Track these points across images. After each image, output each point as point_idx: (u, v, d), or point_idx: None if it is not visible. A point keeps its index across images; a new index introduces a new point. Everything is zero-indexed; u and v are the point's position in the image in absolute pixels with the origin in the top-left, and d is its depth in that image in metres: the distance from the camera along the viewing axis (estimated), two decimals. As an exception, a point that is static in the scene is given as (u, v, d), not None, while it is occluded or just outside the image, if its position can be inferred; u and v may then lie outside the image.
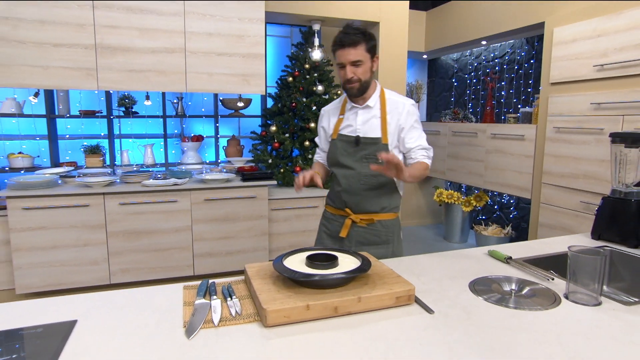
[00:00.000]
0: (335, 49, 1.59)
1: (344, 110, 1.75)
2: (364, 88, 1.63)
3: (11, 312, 1.07)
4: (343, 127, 1.72)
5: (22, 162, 3.49)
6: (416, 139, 1.69)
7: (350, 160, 1.69)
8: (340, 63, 1.60)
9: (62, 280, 2.84)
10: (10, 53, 2.62)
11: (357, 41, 1.55)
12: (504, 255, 1.48)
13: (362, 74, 1.60)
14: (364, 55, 1.58)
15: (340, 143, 1.71)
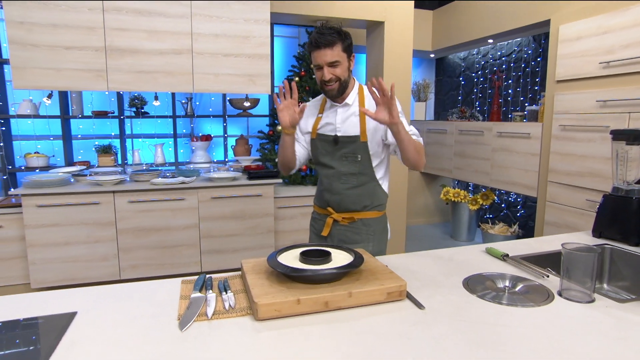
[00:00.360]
0: (311, 50, 1.55)
1: (323, 108, 1.73)
2: (343, 88, 1.60)
3: (16, 304, 1.12)
4: (322, 126, 1.70)
5: (37, 162, 3.60)
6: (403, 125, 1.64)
7: (330, 159, 1.68)
8: (317, 64, 1.55)
9: (75, 276, 2.92)
10: (25, 56, 2.71)
11: (332, 41, 1.51)
12: (501, 252, 1.49)
13: (341, 74, 1.56)
14: (341, 55, 1.54)
15: (319, 142, 1.70)
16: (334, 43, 1.51)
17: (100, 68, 2.84)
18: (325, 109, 1.72)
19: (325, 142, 1.68)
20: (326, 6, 3.33)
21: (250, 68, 3.16)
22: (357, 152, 1.63)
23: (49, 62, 2.75)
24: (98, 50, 2.81)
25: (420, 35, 4.71)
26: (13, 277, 2.86)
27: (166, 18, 2.91)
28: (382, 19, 3.45)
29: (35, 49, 2.71)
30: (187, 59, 3.01)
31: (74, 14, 2.73)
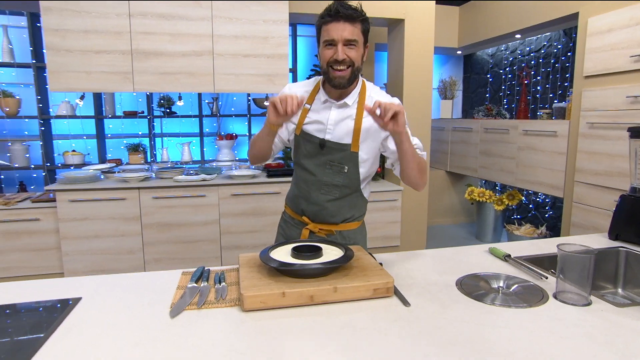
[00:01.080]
0: (326, 21, 1.29)
1: (313, 99, 1.44)
2: (354, 77, 1.35)
3: (30, 288, 1.22)
4: (309, 122, 1.43)
5: (74, 159, 3.83)
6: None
7: (312, 163, 1.44)
8: (330, 40, 1.28)
9: (103, 267, 3.09)
10: (60, 61, 2.89)
11: (355, 16, 1.28)
12: (503, 253, 1.46)
13: (356, 58, 1.31)
14: (360, 37, 1.31)
15: (302, 141, 1.44)
16: (357, 19, 1.28)
17: (127, 70, 2.99)
18: (315, 101, 1.44)
19: (310, 143, 1.43)
20: (345, 5, 3.34)
21: (269, 68, 3.23)
22: (345, 163, 1.41)
23: (81, 66, 2.92)
24: (125, 54, 2.96)
25: (446, 32, 4.62)
26: (49, 267, 3.07)
27: (188, 21, 3.02)
28: (402, 17, 3.42)
29: (69, 54, 2.89)
30: (208, 60, 3.11)
31: (104, 19, 2.89)
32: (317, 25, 1.35)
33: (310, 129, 1.44)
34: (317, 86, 1.46)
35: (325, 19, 1.30)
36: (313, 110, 1.44)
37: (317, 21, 1.34)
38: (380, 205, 3.60)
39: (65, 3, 2.83)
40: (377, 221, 3.62)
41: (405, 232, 3.73)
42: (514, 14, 3.74)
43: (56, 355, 0.87)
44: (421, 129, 3.63)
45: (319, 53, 1.38)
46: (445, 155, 4.86)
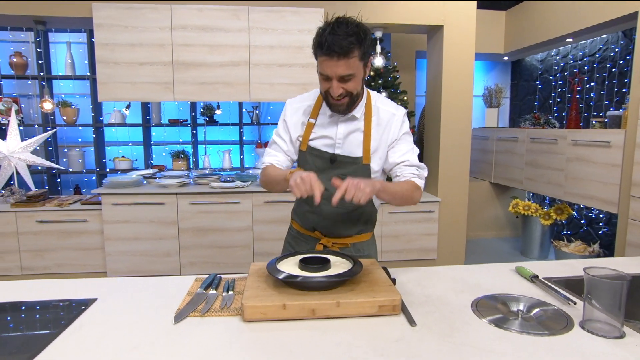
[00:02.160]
0: (319, 54, 1.23)
1: (317, 112, 1.39)
2: (353, 103, 1.31)
3: (52, 287, 1.29)
4: (317, 138, 1.38)
5: (122, 165, 4.08)
6: (403, 152, 1.38)
7: (323, 178, 1.32)
8: (325, 75, 1.24)
9: (142, 268, 3.24)
10: (108, 72, 3.09)
11: (350, 49, 1.18)
12: (530, 272, 1.35)
13: (354, 87, 1.26)
14: (357, 66, 1.23)
15: (310, 157, 1.39)
16: (351, 51, 1.18)
17: (168, 81, 3.13)
18: (320, 114, 1.39)
19: (319, 158, 1.38)
20: (381, 13, 3.30)
21: (303, 77, 3.25)
22: (357, 175, 1.30)
23: (127, 77, 3.10)
24: (166, 65, 3.11)
25: (491, 37, 4.44)
26: (93, 266, 3.26)
27: (226, 33, 3.12)
28: (441, 23, 3.32)
29: (116, 66, 3.09)
30: (244, 70, 3.19)
31: (148, 33, 3.06)
32: (313, 47, 1.26)
33: (318, 144, 1.39)
34: (320, 99, 1.41)
35: (318, 51, 1.23)
36: (319, 125, 1.39)
37: (313, 42, 1.25)
38: (415, 216, 3.50)
39: (115, 19, 3.02)
40: (412, 233, 3.51)
41: (442, 245, 3.59)
42: (565, 16, 3.51)
43: (61, 353, 0.91)
44: (461, 139, 3.50)
45: (318, 78, 1.31)
46: (490, 165, 4.64)
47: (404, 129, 1.41)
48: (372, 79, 3.75)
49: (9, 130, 3.31)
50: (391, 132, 1.39)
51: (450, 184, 3.54)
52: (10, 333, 1.01)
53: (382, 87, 3.74)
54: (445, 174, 3.54)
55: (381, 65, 3.59)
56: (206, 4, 3.11)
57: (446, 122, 3.47)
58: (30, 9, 3.04)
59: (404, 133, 1.41)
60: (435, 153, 3.59)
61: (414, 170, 1.39)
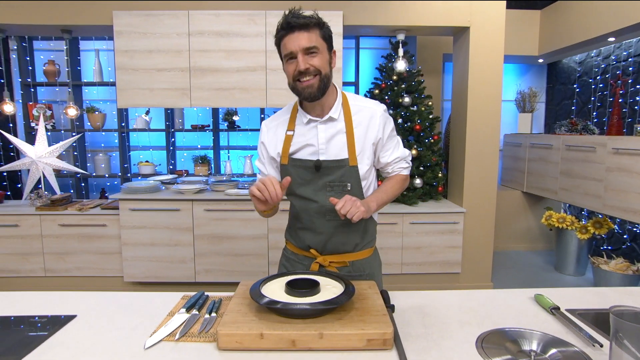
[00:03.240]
0: (282, 35, 1.23)
1: (294, 124, 1.34)
2: (324, 85, 1.24)
3: (35, 300, 1.25)
4: (297, 149, 1.32)
5: (145, 170, 4.13)
6: (393, 150, 1.38)
7: (310, 190, 1.32)
8: (289, 53, 1.21)
9: (158, 274, 3.24)
10: (127, 79, 3.12)
11: (309, 23, 1.20)
12: (551, 303, 1.19)
13: (321, 65, 1.22)
14: (320, 43, 1.22)
15: (294, 170, 1.32)
16: (311, 26, 1.21)
17: (185, 87, 3.13)
18: (297, 125, 1.34)
19: (303, 169, 1.31)
20: (403, 15, 3.16)
21: (321, 82, 3.16)
22: (346, 180, 1.30)
23: (145, 83, 3.12)
24: (183, 71, 3.11)
25: (524, 38, 4.19)
26: (112, 270, 3.29)
27: (243, 38, 3.08)
28: (467, 24, 3.14)
29: (135, 73, 3.11)
30: (261, 75, 3.14)
31: (166, 39, 3.07)
32: (276, 44, 1.28)
33: (301, 155, 1.33)
34: (295, 109, 1.37)
35: (280, 34, 1.24)
36: (298, 135, 1.34)
37: (275, 39, 1.28)
38: (439, 227, 3.32)
39: (134, 26, 3.05)
40: (434, 245, 3.33)
41: (467, 258, 3.39)
42: (607, 13, 3.25)
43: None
44: (488, 146, 3.29)
45: (285, 71, 1.29)
46: (522, 174, 4.37)
47: (388, 125, 1.37)
48: (394, 84, 3.61)
49: (37, 136, 3.41)
50: (375, 130, 1.33)
51: (477, 194, 3.34)
52: (-24, 352, 0.98)
53: (405, 91, 3.59)
54: (471, 183, 3.34)
55: (403, 69, 3.45)
56: (223, 8, 3.08)
57: (472, 129, 3.28)
58: (56, 19, 3.11)
59: (390, 130, 1.37)
60: (461, 161, 3.40)
61: (403, 163, 1.43)
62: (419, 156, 3.54)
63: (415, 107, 3.61)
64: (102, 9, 3.07)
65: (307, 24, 1.20)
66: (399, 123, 3.56)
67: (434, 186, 3.64)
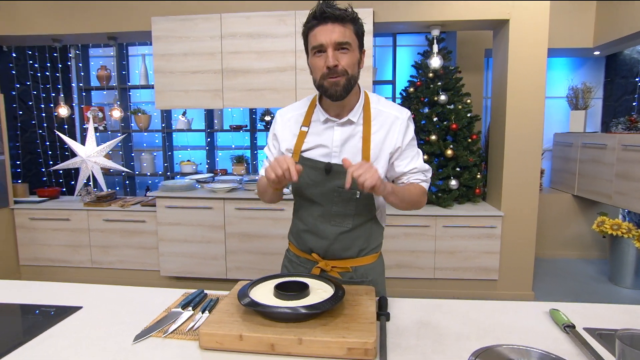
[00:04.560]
0: (312, 25, 1.15)
1: (309, 120, 1.28)
2: (349, 87, 1.17)
3: (46, 290, 1.33)
4: (310, 147, 1.26)
5: (187, 168, 4.30)
6: (410, 160, 1.28)
7: (318, 193, 1.26)
8: (319, 45, 1.13)
9: (192, 270, 3.36)
10: (164, 81, 3.27)
11: (345, 16, 1.12)
12: (565, 320, 1.09)
13: (350, 64, 1.15)
14: (353, 39, 1.15)
15: (304, 169, 1.24)
16: (346, 19, 1.13)
17: (217, 88, 3.21)
18: (313, 121, 1.28)
19: (313, 169, 1.25)
20: (437, 9, 3.04)
21: (351, 81, 3.12)
22: (356, 187, 1.18)
23: (181, 85, 3.25)
24: (216, 73, 3.19)
25: (577, 29, 3.88)
26: (150, 264, 3.46)
27: (274, 39, 3.11)
28: (506, 17, 2.96)
29: (172, 75, 3.25)
30: (290, 76, 3.15)
31: (200, 42, 3.17)
32: (303, 34, 1.20)
33: (313, 155, 1.26)
34: (313, 104, 1.29)
35: (311, 24, 1.15)
36: (312, 133, 1.28)
37: (303, 29, 1.19)
38: (474, 232, 3.16)
39: (171, 31, 3.18)
40: (469, 250, 3.18)
41: (505, 264, 3.20)
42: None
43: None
44: (529, 145, 3.08)
45: (309, 64, 1.22)
46: (573, 176, 4.05)
47: (409, 134, 1.28)
48: (430, 81, 3.48)
49: (87, 137, 3.67)
50: (395, 138, 1.25)
51: (516, 197, 3.13)
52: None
53: (441, 89, 3.45)
54: (511, 185, 3.14)
55: (438, 66, 3.31)
56: (254, 10, 3.13)
57: (512, 127, 3.08)
58: (102, 27, 3.32)
59: (410, 139, 1.28)
60: (499, 161, 3.21)
61: (421, 175, 1.31)
62: (455, 156, 3.39)
63: (452, 105, 3.46)
64: (142, 16, 3.24)
65: (343, 16, 1.12)
66: (434, 122, 3.44)
67: (472, 188, 3.47)
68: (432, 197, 3.40)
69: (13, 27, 3.43)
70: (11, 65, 4.03)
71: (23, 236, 3.58)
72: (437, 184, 3.43)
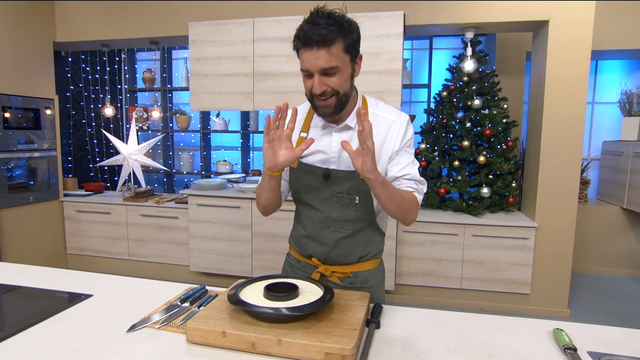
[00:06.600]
0: (298, 47, 1.11)
1: (308, 125, 1.28)
2: (342, 104, 1.16)
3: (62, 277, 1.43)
4: (309, 154, 1.26)
5: (223, 168, 4.44)
6: (404, 166, 1.24)
7: (317, 198, 1.27)
8: (305, 70, 1.12)
9: (219, 266, 3.46)
10: (199, 84, 3.40)
11: (330, 38, 1.06)
12: (566, 341, 1.02)
13: (340, 84, 1.12)
14: (341, 58, 1.10)
15: (302, 174, 1.27)
16: (332, 40, 1.06)
17: (249, 90, 3.30)
18: (312, 127, 1.28)
19: (312, 175, 1.26)
20: (470, 10, 2.94)
21: (380, 85, 3.09)
22: (355, 193, 1.24)
23: (214, 88, 3.37)
24: (248, 76, 3.28)
25: (630, 30, 3.61)
26: (180, 259, 3.61)
27: (304, 42, 3.14)
28: (546, 18, 2.81)
29: (206, 78, 3.37)
30: (319, 79, 3.17)
31: (233, 46, 3.27)
32: (294, 49, 1.16)
33: (311, 160, 1.26)
34: (312, 110, 1.28)
35: (297, 44, 1.11)
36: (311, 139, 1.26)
37: (293, 43, 1.15)
38: (506, 242, 3.02)
39: (206, 35, 3.31)
40: (500, 261, 3.04)
41: (538, 278, 3.03)
42: None
43: (23, 343, 0.99)
44: (568, 153, 2.90)
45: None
46: (622, 188, 3.76)
47: (406, 138, 1.25)
48: (465, 85, 3.38)
49: (130, 135, 3.89)
50: (392, 141, 1.24)
51: (552, 208, 2.96)
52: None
53: (476, 93, 3.34)
54: (546, 195, 2.97)
55: (472, 70, 3.20)
56: (285, 14, 3.18)
57: (549, 134, 2.91)
58: (144, 32, 3.52)
59: (406, 143, 1.25)
60: (535, 169, 3.05)
61: (413, 184, 1.25)
62: (487, 163, 3.27)
63: (487, 110, 3.33)
64: (180, 21, 3.39)
65: (328, 38, 1.06)
66: (467, 127, 3.33)
67: (505, 197, 3.32)
68: (462, 205, 3.30)
69: (70, 34, 3.71)
70: (67, 68, 4.36)
71: (70, 227, 3.86)
72: (468, 191, 3.32)
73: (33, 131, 3.57)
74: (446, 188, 3.37)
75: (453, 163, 3.38)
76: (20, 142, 3.45)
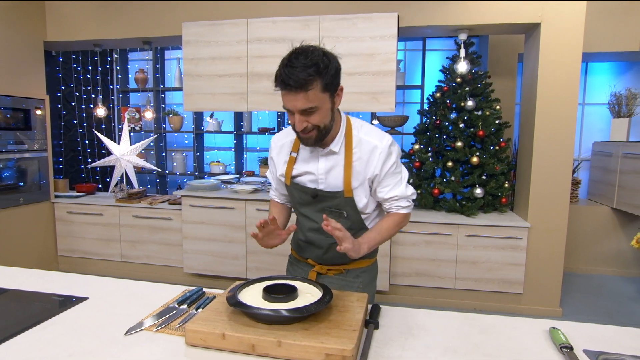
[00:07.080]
0: (279, 87, 1.18)
1: (298, 146, 1.36)
2: (323, 136, 1.24)
3: (56, 280, 1.41)
4: (299, 174, 1.35)
5: (216, 169, 4.42)
6: (392, 187, 1.33)
7: (310, 211, 1.38)
8: (287, 108, 1.20)
9: (213, 268, 3.44)
10: (193, 85, 3.38)
11: (307, 81, 1.11)
12: (563, 340, 1.03)
13: (319, 120, 1.19)
14: (319, 98, 1.15)
15: (295, 191, 1.38)
16: (309, 83, 1.12)
17: (243, 91, 3.29)
18: (301, 148, 1.36)
19: (302, 192, 1.36)
20: (463, 12, 2.96)
21: (374, 86, 3.10)
22: (342, 208, 1.34)
23: (208, 88, 3.35)
24: (242, 76, 3.27)
25: (622, 32, 3.66)
26: (174, 261, 3.58)
27: (298, 43, 3.13)
28: (537, 20, 2.84)
29: (199, 79, 3.36)
30: (313, 80, 3.17)
31: (227, 47, 3.26)
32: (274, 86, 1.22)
33: (302, 180, 1.36)
34: None
35: (276, 85, 1.18)
36: (301, 160, 1.36)
37: (274, 83, 1.21)
38: (499, 242, 3.05)
39: (200, 35, 3.29)
40: (493, 261, 3.07)
41: (531, 278, 3.06)
42: None
43: (20, 344, 0.98)
44: (559, 155, 2.94)
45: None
46: (612, 188, 3.82)
47: (388, 163, 1.32)
48: (458, 86, 3.40)
49: (122, 136, 3.85)
50: (372, 166, 1.31)
51: (544, 208, 3.00)
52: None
53: (469, 94, 3.36)
54: (538, 195, 3.01)
55: (465, 71, 3.23)
56: (280, 15, 3.18)
57: (541, 135, 2.95)
58: (137, 32, 3.49)
59: (390, 168, 1.32)
60: (527, 169, 3.08)
61: (403, 202, 1.37)
62: (481, 164, 3.29)
63: (480, 111, 3.36)
64: (174, 21, 3.37)
65: (305, 82, 1.11)
66: (460, 128, 3.35)
67: (498, 197, 3.35)
68: (456, 205, 3.32)
69: (61, 34, 3.67)
70: (58, 68, 4.30)
71: (61, 228, 3.81)
72: (461, 191, 3.34)
73: (23, 132, 3.52)
74: (440, 188, 3.39)
75: (446, 164, 3.40)
76: (10, 143, 3.40)
